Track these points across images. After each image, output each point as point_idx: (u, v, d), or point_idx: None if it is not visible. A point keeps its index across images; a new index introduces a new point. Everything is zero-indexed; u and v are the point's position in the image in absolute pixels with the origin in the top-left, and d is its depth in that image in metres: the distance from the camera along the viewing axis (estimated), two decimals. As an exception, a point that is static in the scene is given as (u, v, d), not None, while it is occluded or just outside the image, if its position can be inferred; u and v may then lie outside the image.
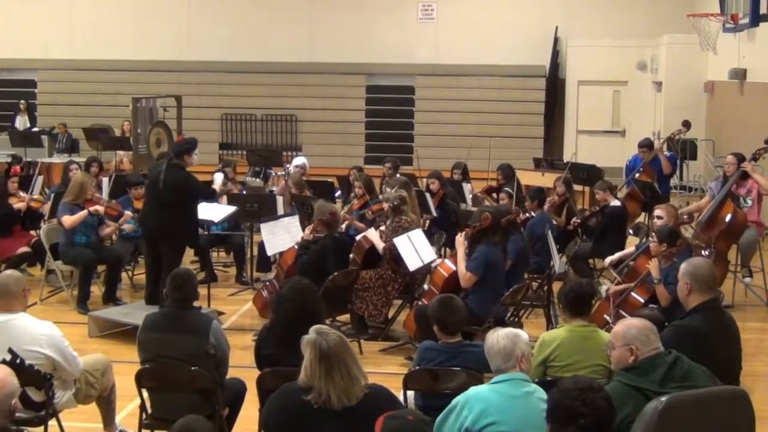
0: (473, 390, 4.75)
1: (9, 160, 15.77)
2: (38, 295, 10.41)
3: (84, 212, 10.16)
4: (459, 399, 4.72)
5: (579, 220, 11.51)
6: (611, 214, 11.18)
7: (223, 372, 6.15)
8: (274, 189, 13.72)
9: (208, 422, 4.57)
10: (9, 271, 6.35)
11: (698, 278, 5.62)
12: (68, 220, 10.11)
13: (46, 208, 11.30)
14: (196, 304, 6.29)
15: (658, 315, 7.28)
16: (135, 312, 9.37)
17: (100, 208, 10.38)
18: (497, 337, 4.88)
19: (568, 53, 21.67)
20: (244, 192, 12.91)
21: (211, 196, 10.30)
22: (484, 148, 15.17)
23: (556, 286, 9.13)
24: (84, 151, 18.54)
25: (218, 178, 10.67)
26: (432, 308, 6.23)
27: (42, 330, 5.94)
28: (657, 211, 9.24)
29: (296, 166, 13.52)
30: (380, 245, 9.27)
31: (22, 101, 21.67)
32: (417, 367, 5.96)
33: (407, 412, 4.56)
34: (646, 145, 13.62)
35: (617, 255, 9.39)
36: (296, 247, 9.43)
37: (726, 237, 10.17)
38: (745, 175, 10.62)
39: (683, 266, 5.78)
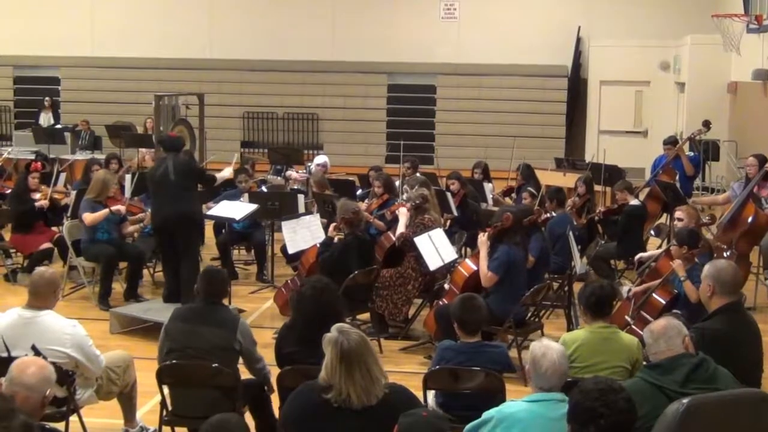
0: (510, 408, 4.64)
1: (33, 156, 15.86)
2: (60, 291, 10.45)
3: (105, 211, 10.20)
4: (493, 414, 4.63)
5: (600, 217, 11.50)
6: (629, 213, 11.14)
7: (259, 368, 6.24)
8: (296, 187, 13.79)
9: (241, 420, 4.58)
10: (43, 268, 6.40)
11: (721, 280, 5.59)
12: (89, 217, 10.16)
13: (68, 201, 11.38)
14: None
15: (684, 322, 7.22)
16: (156, 309, 9.44)
17: (122, 208, 10.41)
18: (552, 353, 4.70)
19: (590, 53, 21.59)
20: (264, 189, 12.94)
21: (211, 181, 10.36)
22: (507, 147, 15.12)
23: (577, 287, 9.13)
24: (106, 148, 18.61)
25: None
26: (453, 307, 6.27)
27: (66, 329, 5.97)
28: (677, 213, 9.21)
29: (318, 165, 13.55)
30: (397, 234, 9.33)
31: (46, 98, 21.78)
32: (436, 367, 5.96)
33: (422, 409, 4.55)
34: (671, 142, 13.58)
35: (648, 253, 9.37)
36: (318, 245, 9.45)
37: (748, 238, 10.12)
38: (767, 177, 10.57)
39: (706, 268, 5.76)
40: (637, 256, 9.37)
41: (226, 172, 10.75)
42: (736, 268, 5.88)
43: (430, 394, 5.98)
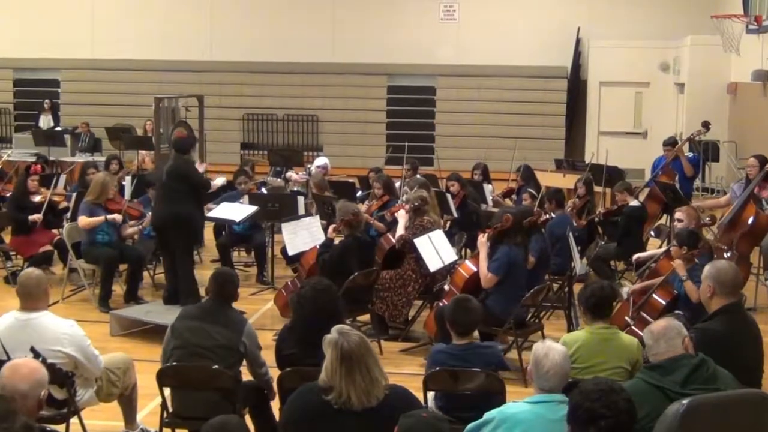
0: (511, 409, 4.64)
1: (33, 159, 15.86)
2: (60, 293, 10.47)
3: (101, 218, 10.17)
4: (495, 415, 4.62)
5: (600, 218, 11.51)
6: (629, 214, 11.15)
7: (262, 372, 6.23)
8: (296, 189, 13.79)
9: (242, 421, 4.58)
10: (30, 269, 6.36)
11: (721, 281, 5.59)
12: (84, 221, 10.15)
13: (68, 204, 11.37)
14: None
15: (685, 322, 7.21)
16: (156, 311, 9.44)
17: (118, 217, 10.37)
18: (555, 354, 4.70)
19: (590, 54, 21.60)
20: (263, 191, 12.95)
21: (207, 188, 10.33)
22: (507, 149, 15.11)
23: (577, 288, 9.14)
24: (106, 151, 18.61)
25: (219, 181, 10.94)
26: (448, 308, 6.28)
27: (64, 329, 5.96)
28: (677, 214, 9.22)
29: (318, 167, 13.56)
30: (396, 236, 9.33)
31: (46, 101, 21.77)
32: (433, 369, 5.95)
33: (422, 410, 4.55)
34: (670, 143, 13.58)
35: (647, 253, 9.37)
36: (318, 246, 9.44)
37: (748, 239, 10.13)
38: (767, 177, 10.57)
39: (707, 269, 5.75)
40: (635, 256, 9.37)
41: (219, 181, 10.84)
42: (737, 269, 5.88)
43: (430, 395, 5.98)
